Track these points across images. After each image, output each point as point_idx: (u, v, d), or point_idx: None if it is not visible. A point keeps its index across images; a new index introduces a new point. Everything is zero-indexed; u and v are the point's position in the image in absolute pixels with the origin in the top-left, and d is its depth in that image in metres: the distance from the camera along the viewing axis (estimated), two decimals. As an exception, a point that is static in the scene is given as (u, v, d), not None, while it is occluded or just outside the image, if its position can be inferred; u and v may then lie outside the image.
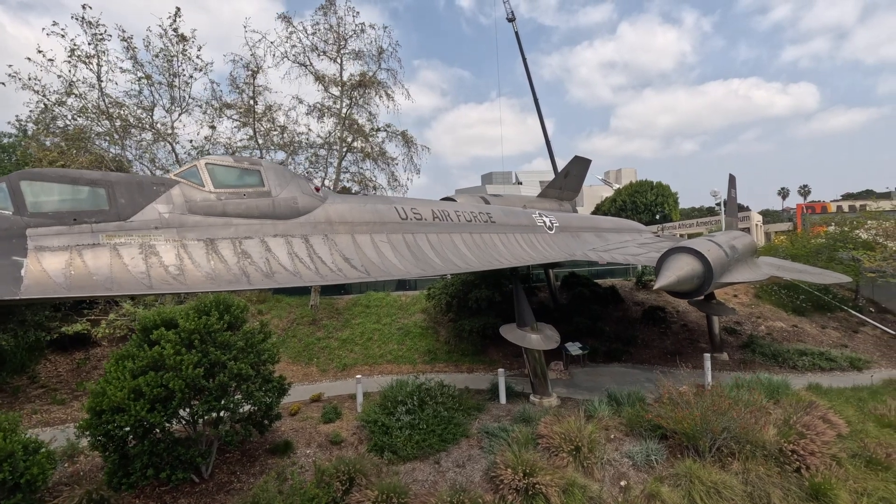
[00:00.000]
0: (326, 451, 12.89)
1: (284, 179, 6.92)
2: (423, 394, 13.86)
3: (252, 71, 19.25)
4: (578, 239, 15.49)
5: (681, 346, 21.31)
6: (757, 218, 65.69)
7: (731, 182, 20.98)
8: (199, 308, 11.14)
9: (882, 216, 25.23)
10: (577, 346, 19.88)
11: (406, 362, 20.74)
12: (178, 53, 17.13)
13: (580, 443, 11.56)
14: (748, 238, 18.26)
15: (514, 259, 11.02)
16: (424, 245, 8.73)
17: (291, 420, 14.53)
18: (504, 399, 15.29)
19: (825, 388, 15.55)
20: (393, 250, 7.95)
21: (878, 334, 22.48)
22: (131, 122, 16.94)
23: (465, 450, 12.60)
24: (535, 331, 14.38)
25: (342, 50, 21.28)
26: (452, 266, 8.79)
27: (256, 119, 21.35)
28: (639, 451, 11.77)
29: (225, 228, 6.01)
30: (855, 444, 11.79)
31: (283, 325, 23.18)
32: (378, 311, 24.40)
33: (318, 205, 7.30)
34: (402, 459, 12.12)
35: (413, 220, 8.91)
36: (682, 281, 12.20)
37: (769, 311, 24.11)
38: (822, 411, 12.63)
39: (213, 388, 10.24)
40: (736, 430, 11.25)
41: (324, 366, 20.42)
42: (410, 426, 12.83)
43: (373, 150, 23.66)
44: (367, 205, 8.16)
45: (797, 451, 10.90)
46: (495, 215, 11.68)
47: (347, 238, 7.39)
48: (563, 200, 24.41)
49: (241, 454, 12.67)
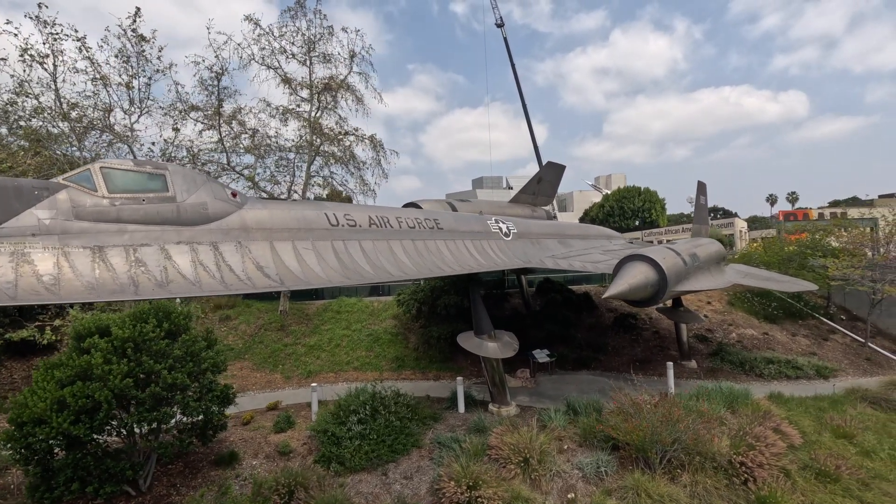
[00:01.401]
0: (274, 462, 12.56)
1: (193, 184, 6.67)
2: (377, 403, 13.58)
3: (216, 73, 18.99)
4: (538, 245, 15.31)
5: (651, 354, 21.20)
6: (741, 224, 66.24)
7: (701, 189, 20.96)
8: (136, 315, 10.81)
9: (849, 223, 25.36)
10: (544, 353, 19.70)
11: (372, 369, 20.44)
12: (136, 54, 16.84)
13: (529, 454, 11.32)
14: (714, 246, 18.19)
15: (460, 266, 10.81)
16: (356, 252, 8.50)
17: (243, 430, 14.19)
18: (462, 408, 15.04)
19: (787, 397, 15.45)
20: (317, 258, 7.71)
21: (847, 342, 22.50)
22: (85, 123, 16.58)
23: (416, 461, 12.32)
24: (492, 339, 14.16)
25: (311, 53, 21.08)
26: (385, 274, 8.55)
27: (225, 122, 21.07)
28: (589, 462, 11.54)
29: (117, 235, 5.75)
30: (807, 455, 11.66)
31: (251, 330, 22.81)
32: (349, 316, 24.09)
33: (232, 210, 7.05)
34: (350, 471, 11.82)
35: (345, 227, 8.67)
36: (635, 289, 12.05)
37: (741, 319, 24.08)
38: (776, 422, 12.52)
39: (145, 398, 9.89)
40: (686, 442, 11.07)
41: (288, 373, 20.06)
42: (361, 436, 12.55)
43: (344, 154, 23.44)
44: (292, 211, 7.92)
45: (745, 462, 10.74)
46: (443, 222, 11.47)
47: (265, 245, 7.14)
48: (537, 206, 24.32)
49: (185, 465, 12.31)
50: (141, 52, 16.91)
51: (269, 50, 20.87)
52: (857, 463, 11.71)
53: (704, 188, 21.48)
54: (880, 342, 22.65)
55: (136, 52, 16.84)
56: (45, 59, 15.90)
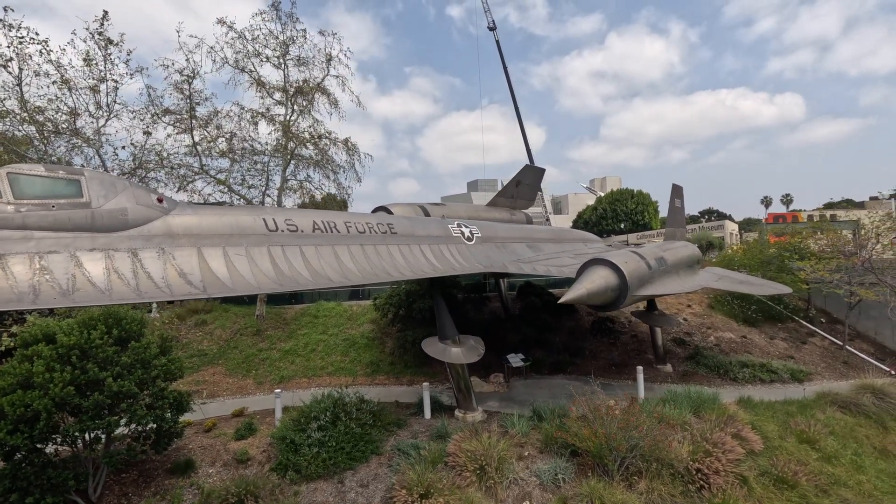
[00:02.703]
0: (231, 470, 12.38)
1: (112, 190, 6.55)
2: (338, 409, 13.42)
3: (187, 77, 18.86)
4: (504, 250, 15.20)
5: (628, 358, 21.07)
6: (732, 227, 66.26)
7: (676, 192, 20.88)
8: (84, 322, 10.66)
9: (826, 226, 25.31)
10: (519, 357, 19.57)
11: (346, 374, 20.26)
12: (102, 58, 16.72)
13: (485, 462, 11.18)
14: (686, 250, 18.12)
15: (412, 272, 10.68)
16: (295, 258, 8.37)
17: (203, 437, 13.99)
18: (428, 414, 14.88)
19: (756, 402, 15.34)
20: (250, 264, 7.58)
21: (826, 345, 22.43)
22: (50, 127, 16.44)
23: (374, 468, 12.16)
24: (456, 344, 14.03)
25: (286, 56, 21.01)
26: (324, 280, 8.42)
27: (201, 125, 20.95)
28: (547, 469, 11.41)
29: (22, 243, 5.62)
30: (767, 461, 11.54)
31: (226, 335, 22.61)
32: (326, 321, 23.91)
33: (157, 216, 6.92)
34: (306, 479, 11.65)
35: (285, 232, 8.55)
36: (595, 294, 11.94)
37: (721, 322, 23.99)
38: (737, 427, 12.40)
39: (88, 406, 9.73)
40: (644, 448, 10.95)
41: (261, 378, 19.86)
42: (320, 443, 12.38)
43: (322, 158, 23.33)
44: (226, 216, 7.79)
45: (701, 469, 10.63)
46: (398, 226, 11.35)
47: (191, 252, 7.01)
48: (516, 209, 24.22)
49: (139, 474, 12.12)
50: (108, 55, 16.83)
51: (243, 53, 20.81)
52: (817, 468, 11.61)
53: (680, 191, 21.41)
54: (859, 345, 22.59)
55: (102, 56, 16.73)
56: (8, 62, 15.79)
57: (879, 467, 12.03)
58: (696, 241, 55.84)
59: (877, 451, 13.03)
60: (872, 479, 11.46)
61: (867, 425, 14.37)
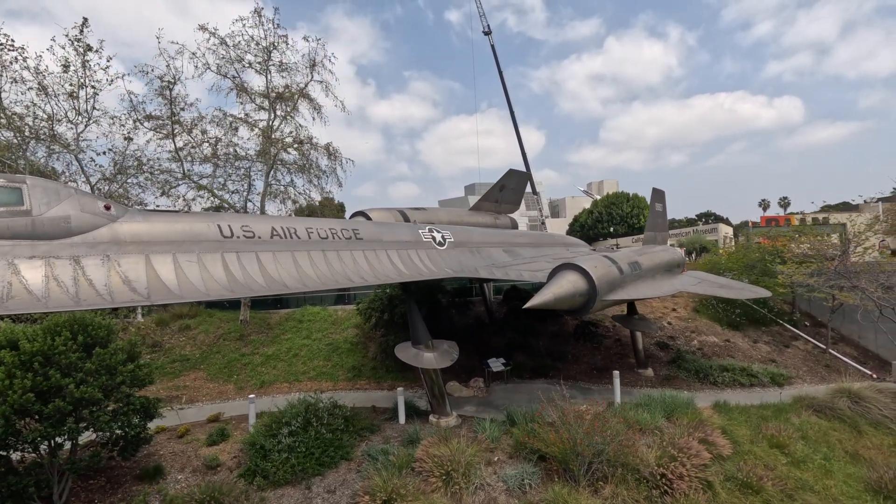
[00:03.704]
0: (200, 476, 12.37)
1: (56, 197, 6.59)
2: (310, 414, 13.42)
3: (167, 83, 18.97)
4: (478, 254, 15.23)
5: (611, 362, 21.03)
6: (726, 230, 66.30)
7: (657, 196, 20.93)
8: (48, 328, 10.68)
9: (810, 230, 25.33)
10: (500, 361, 19.56)
11: (328, 379, 20.27)
12: (81, 65, 16.83)
13: (451, 467, 11.17)
14: (665, 254, 18.16)
15: (376, 277, 10.72)
16: (251, 264, 8.40)
17: (175, 443, 13.99)
18: (403, 419, 14.88)
19: (731, 406, 15.31)
20: (201, 270, 7.62)
21: (809, 349, 22.42)
22: (28, 133, 16.53)
23: (343, 474, 12.15)
24: (429, 349, 14.04)
25: (268, 62, 21.12)
26: (280, 286, 8.46)
27: (185, 131, 21.05)
28: (514, 475, 11.39)
29: (-44, 251, 5.67)
30: (734, 466, 11.52)
31: (210, 340, 22.63)
32: (310, 325, 23.94)
33: (103, 223, 6.96)
34: (274, 485, 11.64)
35: (241, 239, 8.58)
36: (562, 299, 11.98)
37: (705, 326, 23.97)
38: (706, 431, 12.39)
39: (50, 413, 9.74)
40: (610, 454, 10.93)
41: (242, 383, 19.86)
42: (290, 449, 12.36)
43: (307, 163, 23.43)
44: (178, 223, 7.84)
45: (666, 474, 10.62)
46: (363, 231, 11.38)
47: (138, 259, 7.05)
48: (501, 214, 24.27)
49: (108, 480, 12.12)
50: (86, 61, 16.93)
51: (226, 59, 20.92)
52: (785, 473, 11.59)
53: (662, 196, 21.46)
54: (842, 348, 22.58)
55: (81, 62, 16.84)
56: (-13, 70, 15.93)
57: (848, 472, 12.01)
58: (689, 245, 56.01)
59: (848, 456, 13.01)
60: (840, 484, 11.44)
61: (841, 429, 14.34)
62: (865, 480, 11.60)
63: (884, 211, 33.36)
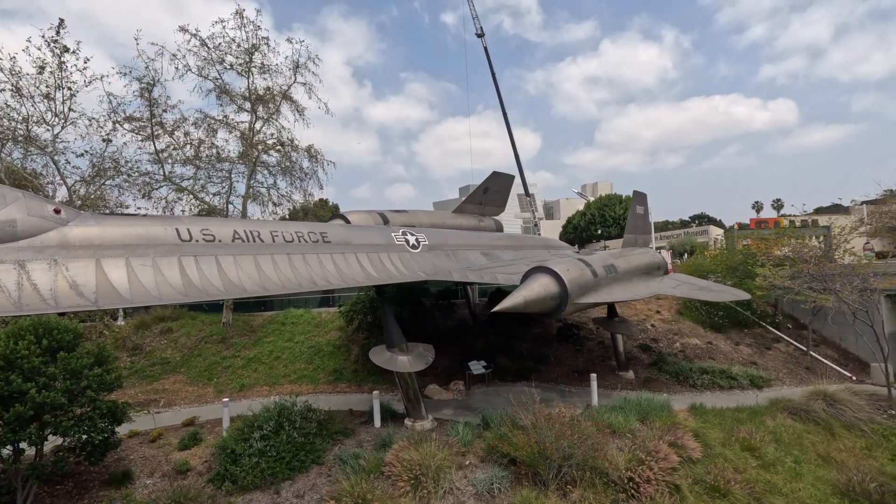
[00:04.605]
0: (170, 480, 12.26)
1: (2, 202, 6.53)
2: (283, 418, 13.33)
3: (147, 84, 18.87)
4: (453, 257, 15.20)
5: (592, 365, 21.04)
6: (716, 232, 66.61)
7: (638, 199, 20.99)
8: (12, 332, 10.58)
9: (791, 233, 25.47)
10: (480, 364, 19.54)
11: (309, 382, 20.18)
12: (57, 66, 16.71)
13: (421, 471, 11.12)
14: (644, 257, 18.18)
15: (343, 280, 10.67)
16: (209, 267, 8.34)
17: (147, 447, 13.87)
18: (378, 422, 14.82)
19: (708, 409, 15.34)
20: (155, 274, 7.56)
21: (790, 351, 22.52)
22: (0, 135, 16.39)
23: (313, 478, 12.07)
24: (403, 352, 14.00)
25: (250, 64, 21.06)
26: (238, 290, 8.40)
27: (167, 132, 20.94)
28: (484, 479, 11.35)
29: None
30: (703, 469, 11.53)
31: (191, 343, 22.48)
32: (293, 328, 23.84)
33: (52, 227, 6.90)
34: (242, 490, 11.54)
35: (200, 242, 8.53)
36: (532, 302, 11.97)
37: (688, 328, 24.03)
38: (677, 435, 12.40)
39: (10, 418, 9.63)
40: (579, 457, 10.92)
41: (222, 387, 19.73)
42: (260, 453, 12.28)
43: (293, 165, 23.36)
44: (134, 227, 7.77)
45: (633, 478, 10.61)
46: (332, 234, 11.34)
47: (88, 263, 6.98)
48: (485, 216, 24.27)
49: (75, 485, 12.00)
50: (60, 63, 16.80)
51: (208, 60, 20.83)
52: (754, 476, 11.61)
53: (643, 198, 21.52)
54: (824, 351, 22.70)
55: (57, 63, 16.72)
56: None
57: (818, 475, 12.03)
58: (679, 247, 56.20)
59: (820, 458, 13.04)
60: (808, 487, 11.46)
61: (815, 432, 14.39)
62: (834, 483, 11.63)
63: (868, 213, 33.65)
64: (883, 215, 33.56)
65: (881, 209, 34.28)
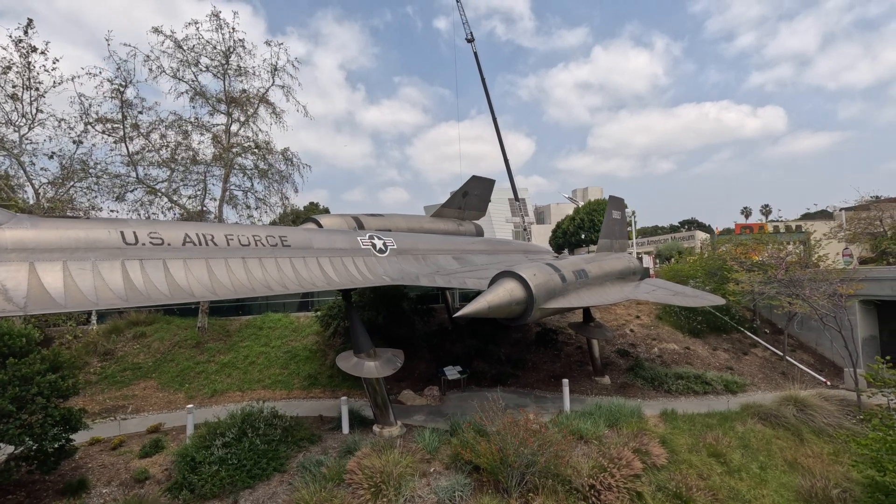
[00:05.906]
0: (127, 489, 11.97)
1: (-74, 203, 6.36)
2: (246, 425, 13.10)
3: (119, 85, 18.62)
4: (423, 262, 15.08)
5: (569, 370, 20.97)
6: (702, 237, 67.06)
7: (614, 204, 21.02)
8: (-39, 337, 10.29)
9: (769, 238, 25.64)
10: (456, 369, 19.40)
11: (283, 387, 19.91)
12: (25, 66, 16.43)
13: (381, 479, 10.94)
14: (619, 262, 18.18)
15: (301, 285, 10.50)
16: (155, 272, 8.16)
17: (108, 454, 13.56)
18: (346, 429, 14.61)
19: (679, 414, 15.30)
20: (94, 278, 7.36)
21: (767, 356, 22.59)
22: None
23: (274, 486, 11.84)
24: (371, 357, 13.83)
25: (226, 66, 20.88)
26: (185, 295, 8.22)
27: (142, 134, 20.67)
28: (447, 486, 11.18)
29: None
30: (667, 475, 11.45)
31: (164, 348, 22.11)
32: (270, 333, 23.55)
33: (-18, 230, 6.71)
34: (200, 498, 11.29)
35: (148, 246, 8.34)
36: (497, 307, 11.88)
37: (666, 333, 24.05)
38: (643, 441, 12.31)
39: (-47, 426, 9.35)
40: (541, 465, 10.79)
41: (193, 392, 19.41)
42: (221, 461, 12.02)
43: (268, 167, 23.15)
44: (73, 230, 7.57)
45: (595, 485, 10.50)
46: (292, 239, 11.17)
47: (19, 266, 6.78)
48: (464, 220, 24.20)
49: (27, 495, 11.65)
50: (28, 63, 16.53)
51: (183, 62, 20.62)
52: (719, 483, 11.55)
53: (620, 203, 21.56)
54: (800, 356, 22.80)
55: (25, 63, 16.45)
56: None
57: (783, 481, 12.01)
58: (665, 251, 56.48)
59: (787, 464, 13.02)
60: (772, 494, 11.43)
61: (784, 437, 14.39)
62: (798, 490, 11.61)
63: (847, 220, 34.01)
64: (861, 221, 33.97)
65: (859, 215, 34.70)
